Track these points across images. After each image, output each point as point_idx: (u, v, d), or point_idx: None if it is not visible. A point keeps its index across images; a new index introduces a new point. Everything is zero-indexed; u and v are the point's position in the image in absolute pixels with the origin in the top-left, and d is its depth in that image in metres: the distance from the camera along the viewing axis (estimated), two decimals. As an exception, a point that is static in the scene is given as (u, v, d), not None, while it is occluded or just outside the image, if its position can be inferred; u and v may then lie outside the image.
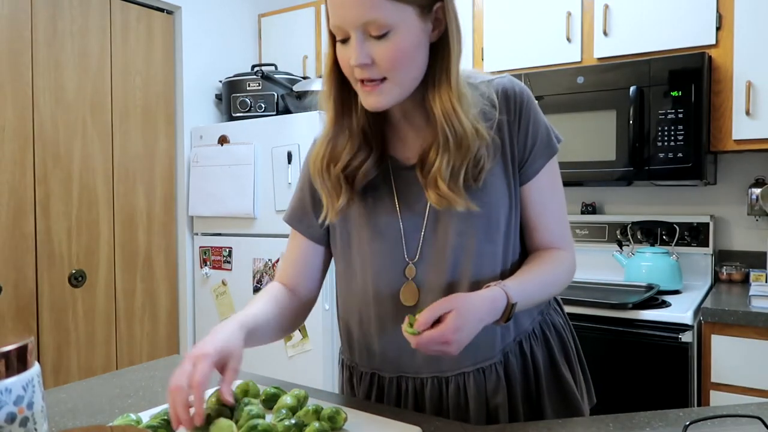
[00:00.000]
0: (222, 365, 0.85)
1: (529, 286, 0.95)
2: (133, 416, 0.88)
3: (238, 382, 1.07)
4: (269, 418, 0.89)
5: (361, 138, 0.98)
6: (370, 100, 0.91)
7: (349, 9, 0.85)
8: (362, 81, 0.90)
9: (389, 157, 1.02)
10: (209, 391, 1.04)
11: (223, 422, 0.83)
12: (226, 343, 0.86)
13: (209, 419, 0.85)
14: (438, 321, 0.84)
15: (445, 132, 0.91)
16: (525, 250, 1.06)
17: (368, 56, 0.87)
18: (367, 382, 1.09)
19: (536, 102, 1.02)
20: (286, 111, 2.85)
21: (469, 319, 0.84)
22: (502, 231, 0.99)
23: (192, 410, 0.78)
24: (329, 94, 0.97)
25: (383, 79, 0.89)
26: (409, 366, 1.03)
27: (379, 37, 0.86)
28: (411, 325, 0.85)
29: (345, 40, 0.89)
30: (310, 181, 1.07)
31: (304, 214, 1.11)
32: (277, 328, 1.07)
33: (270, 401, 0.96)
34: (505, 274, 1.00)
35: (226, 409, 0.89)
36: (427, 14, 0.89)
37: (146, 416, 0.95)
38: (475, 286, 0.96)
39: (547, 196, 1.03)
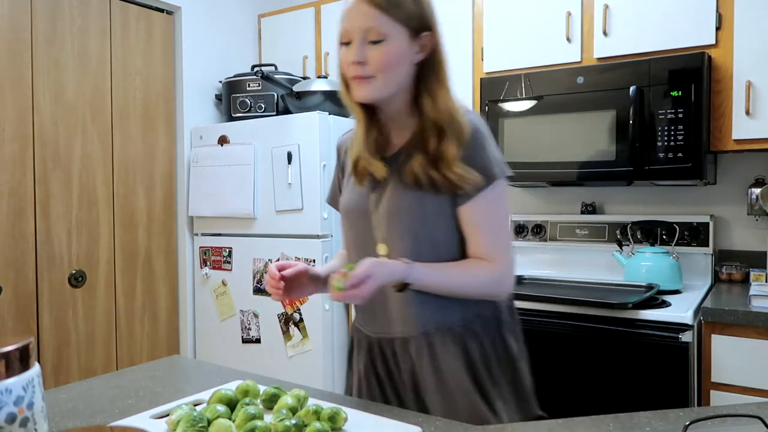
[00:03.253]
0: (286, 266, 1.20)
1: (435, 273, 1.13)
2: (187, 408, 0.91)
3: (238, 382, 1.08)
4: (269, 419, 0.90)
5: (377, 130, 1.21)
6: (359, 91, 1.14)
7: (359, 17, 1.11)
8: (355, 77, 1.13)
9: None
10: (209, 391, 1.06)
11: (222, 423, 0.84)
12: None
13: (208, 422, 0.86)
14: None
15: (453, 128, 1.13)
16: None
17: (364, 56, 1.11)
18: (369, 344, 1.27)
19: (487, 136, 1.17)
20: (286, 111, 2.85)
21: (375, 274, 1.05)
22: (443, 220, 1.16)
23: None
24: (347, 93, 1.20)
25: (372, 77, 1.11)
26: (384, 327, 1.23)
27: (375, 43, 1.10)
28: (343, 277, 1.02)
29: (348, 44, 1.13)
30: (339, 165, 1.34)
31: (337, 194, 1.36)
32: None
33: (270, 401, 0.97)
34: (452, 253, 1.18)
35: (225, 410, 0.90)
36: (415, 38, 1.13)
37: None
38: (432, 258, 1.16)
39: (483, 218, 1.16)
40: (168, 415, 0.94)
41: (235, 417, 0.89)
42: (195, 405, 0.99)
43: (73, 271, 2.56)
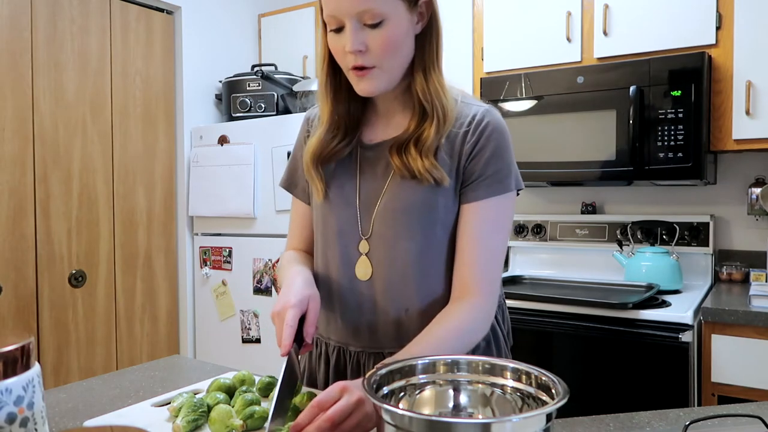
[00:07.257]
0: (304, 309, 0.94)
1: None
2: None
3: (234, 372, 1.10)
4: (266, 405, 0.93)
5: (346, 125, 1.05)
6: (363, 85, 0.97)
7: None
8: (355, 68, 0.95)
9: (359, 141, 1.08)
10: (207, 381, 1.08)
11: (222, 408, 0.88)
12: (303, 290, 0.96)
13: (209, 407, 0.90)
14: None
15: (437, 111, 0.98)
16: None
17: (363, 43, 0.93)
18: (328, 355, 1.12)
19: (509, 141, 1.03)
20: (286, 111, 2.85)
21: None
22: (443, 217, 1.02)
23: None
24: (326, 85, 1.03)
25: (374, 67, 0.95)
26: (371, 340, 1.06)
27: (373, 26, 0.93)
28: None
29: (339, 30, 0.95)
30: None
31: (299, 178, 1.16)
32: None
33: (266, 390, 1.00)
34: (445, 257, 1.03)
35: (224, 397, 0.95)
36: (414, 8, 0.96)
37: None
38: (418, 263, 1.01)
39: (485, 230, 1.00)
40: (169, 403, 0.97)
41: (234, 403, 0.92)
42: (194, 393, 1.02)
43: (73, 271, 2.56)
